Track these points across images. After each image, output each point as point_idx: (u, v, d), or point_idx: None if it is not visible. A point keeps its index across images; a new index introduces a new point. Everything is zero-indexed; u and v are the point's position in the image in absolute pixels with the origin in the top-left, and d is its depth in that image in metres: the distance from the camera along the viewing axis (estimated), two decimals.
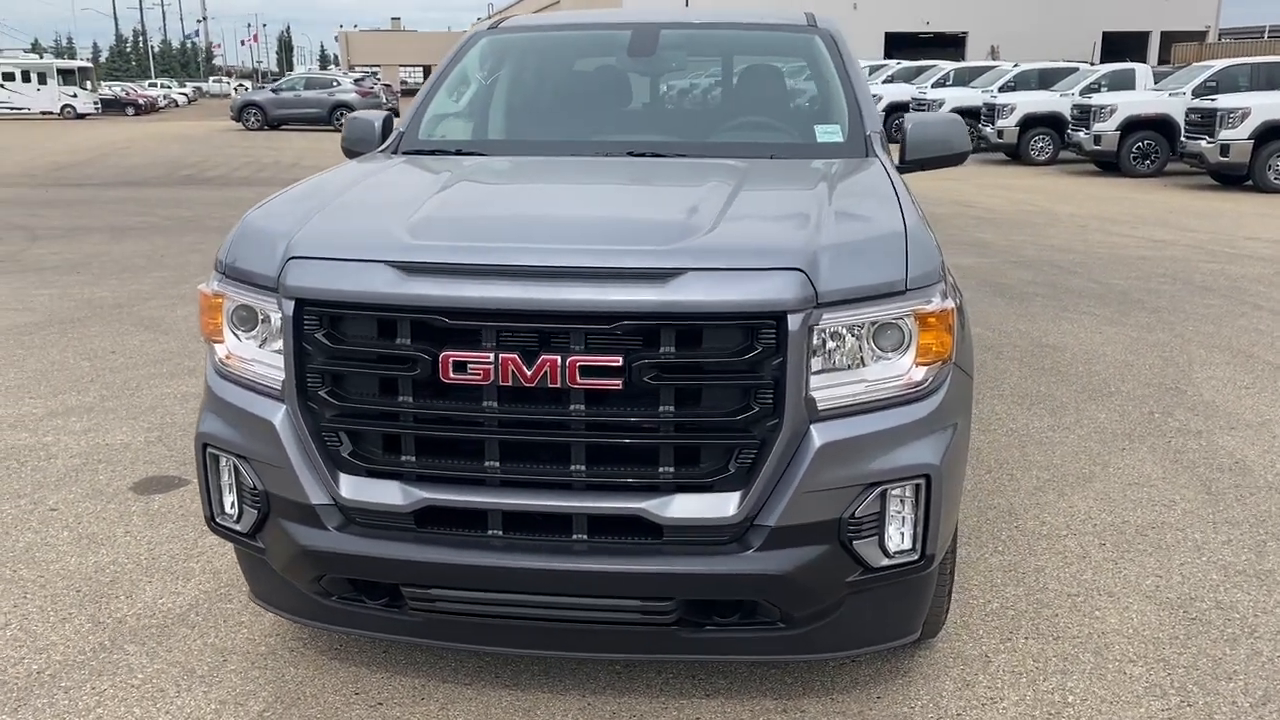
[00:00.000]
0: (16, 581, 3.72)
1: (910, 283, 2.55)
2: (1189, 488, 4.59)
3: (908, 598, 2.81)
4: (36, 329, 7.42)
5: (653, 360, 2.41)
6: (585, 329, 2.42)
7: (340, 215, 2.84)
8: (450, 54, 4.25)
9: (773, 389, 2.44)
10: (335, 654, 3.25)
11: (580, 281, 2.43)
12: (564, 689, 3.06)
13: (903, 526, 2.61)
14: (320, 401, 2.57)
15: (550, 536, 2.56)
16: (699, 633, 2.68)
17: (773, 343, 2.42)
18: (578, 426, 2.47)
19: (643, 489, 2.51)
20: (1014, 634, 3.38)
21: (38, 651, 3.27)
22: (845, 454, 2.52)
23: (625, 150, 3.64)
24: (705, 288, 2.41)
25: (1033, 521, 4.24)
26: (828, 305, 2.47)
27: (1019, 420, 5.51)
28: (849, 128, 3.72)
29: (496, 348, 2.44)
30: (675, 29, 4.27)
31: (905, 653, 3.25)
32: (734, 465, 2.48)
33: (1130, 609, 3.53)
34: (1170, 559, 3.90)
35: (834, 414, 2.53)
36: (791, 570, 2.51)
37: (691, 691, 3.06)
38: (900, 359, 2.59)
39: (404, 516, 2.58)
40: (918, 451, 2.58)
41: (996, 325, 7.67)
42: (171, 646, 3.29)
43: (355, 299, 2.51)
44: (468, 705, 2.99)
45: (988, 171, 20.64)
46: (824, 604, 2.64)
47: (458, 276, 2.47)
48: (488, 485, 2.56)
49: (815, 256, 2.49)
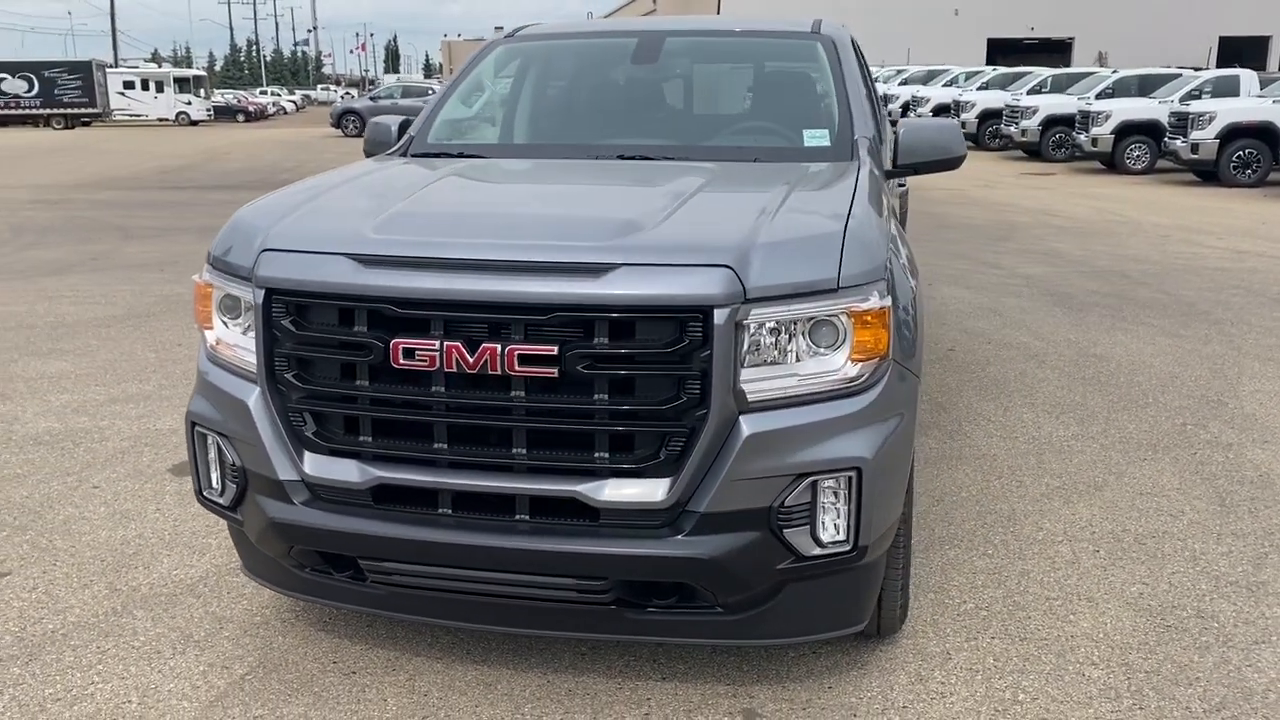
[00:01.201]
0: (50, 550, 4.02)
1: (843, 281, 2.63)
2: (1202, 499, 4.52)
3: (850, 588, 2.88)
4: (114, 322, 7.87)
5: (586, 350, 2.54)
6: (523, 319, 2.56)
7: (318, 211, 3.04)
8: (468, 60, 4.45)
9: (700, 380, 2.55)
10: (322, 626, 3.44)
11: (520, 275, 2.58)
12: (527, 666, 3.21)
13: (836, 518, 2.69)
14: (287, 384, 2.76)
15: (495, 516, 2.71)
16: (642, 614, 2.79)
17: (700, 336, 2.53)
18: (518, 412, 2.62)
19: (579, 473, 2.64)
20: (981, 633, 3.40)
21: (56, 613, 3.54)
22: (774, 445, 2.62)
23: (616, 154, 3.78)
24: (636, 282, 2.54)
25: (1030, 527, 4.23)
26: (756, 301, 2.57)
27: (1044, 429, 5.47)
28: (837, 132, 3.80)
29: (443, 336, 2.60)
30: (680, 37, 4.40)
31: (865, 646, 3.31)
32: (664, 452, 2.59)
33: (1106, 614, 3.53)
34: (1162, 568, 3.87)
35: (764, 406, 2.62)
36: (720, 555, 2.62)
37: (649, 674, 3.17)
38: (834, 355, 2.67)
39: (362, 493, 2.76)
40: (849, 445, 2.66)
41: (1047, 335, 7.57)
42: (176, 614, 3.54)
43: (316, 288, 2.70)
44: (434, 677, 3.16)
45: (1079, 180, 20.18)
46: (756, 590, 2.73)
47: (408, 269, 2.64)
48: (437, 466, 2.72)
49: (746, 254, 2.59)
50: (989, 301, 8.78)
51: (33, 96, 45.81)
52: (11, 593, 3.68)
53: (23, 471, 4.83)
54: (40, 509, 4.41)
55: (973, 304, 8.68)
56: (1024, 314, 8.28)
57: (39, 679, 3.15)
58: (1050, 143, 24.52)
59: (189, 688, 3.11)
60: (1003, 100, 27.28)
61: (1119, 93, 23.66)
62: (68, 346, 7.12)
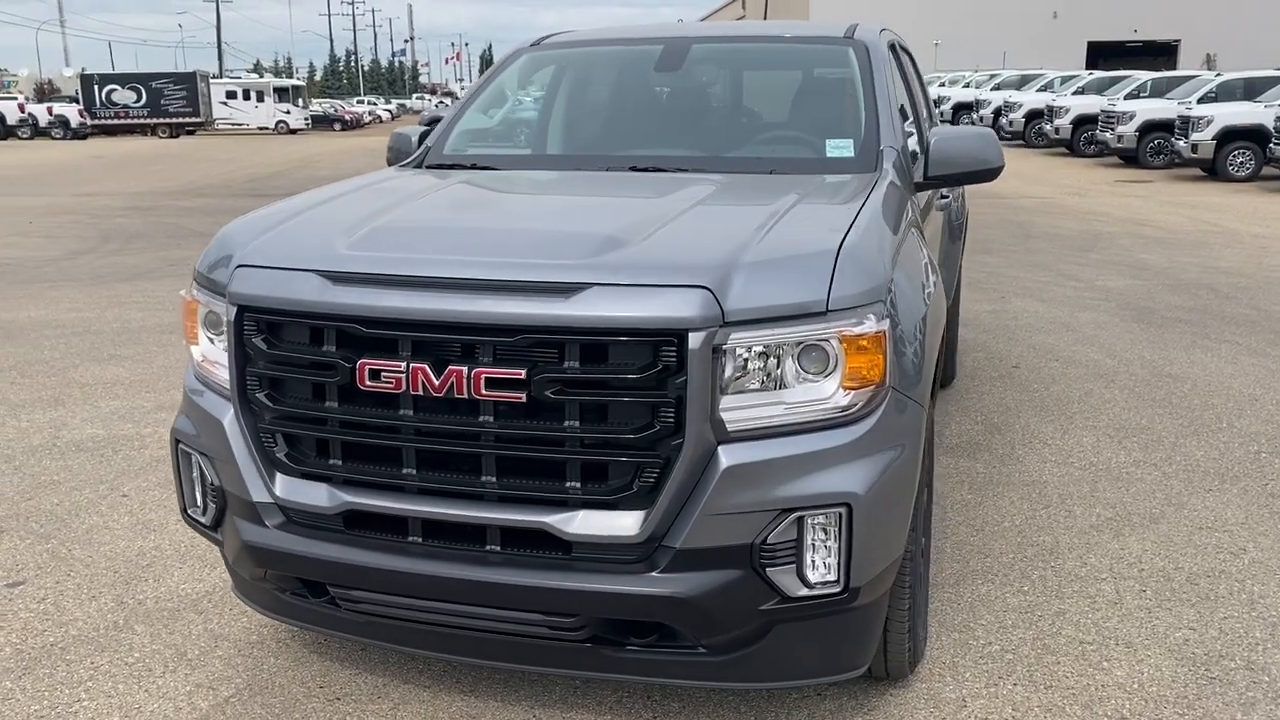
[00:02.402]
0: (68, 560, 4.03)
1: (834, 303, 2.45)
2: (1269, 536, 4.20)
3: (846, 630, 2.69)
4: (176, 329, 7.99)
5: (555, 375, 2.41)
6: (491, 341, 2.44)
7: (300, 227, 2.96)
8: (490, 69, 4.36)
9: (675, 408, 2.40)
10: (315, 649, 3.37)
11: (488, 294, 2.46)
12: (515, 700, 3.08)
13: (826, 556, 2.51)
14: (258, 404, 2.69)
15: (465, 546, 2.59)
16: (621, 652, 2.65)
17: (674, 361, 2.38)
18: (487, 438, 2.50)
19: (550, 503, 2.51)
20: (1003, 679, 3.17)
21: (60, 625, 3.54)
22: (755, 477, 2.45)
23: (629, 165, 3.64)
24: (607, 303, 2.40)
25: (1073, 562, 3.97)
26: (737, 324, 2.40)
27: (1103, 454, 5.16)
28: (862, 142, 3.60)
29: (410, 357, 2.49)
30: (707, 44, 4.24)
31: (875, 690, 3.11)
32: (638, 484, 2.44)
33: (1145, 662, 3.26)
34: (1214, 612, 3.58)
35: (746, 436, 2.46)
36: (697, 594, 2.45)
37: (639, 711, 3.02)
38: (825, 382, 2.49)
39: (332, 518, 2.67)
40: (838, 479, 2.48)
41: (1120, 352, 7.20)
42: (175, 630, 3.50)
43: (285, 305, 2.62)
44: (419, 706, 3.06)
45: (1176, 189, 19.36)
46: (740, 631, 2.56)
47: (376, 286, 2.55)
48: (406, 492, 2.61)
49: (727, 274, 2.43)
50: (1063, 316, 8.40)
51: (140, 106, 47.58)
52: (21, 603, 3.70)
53: (60, 478, 4.89)
54: (67, 517, 4.44)
55: (1046, 318, 8.32)
56: (1098, 329, 7.90)
57: (28, 694, 3.13)
58: (1148, 149, 23.61)
59: (172, 709, 3.05)
60: (1098, 105, 26.37)
61: (1222, 97, 22.64)
62: (127, 353, 7.25)
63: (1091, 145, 26.52)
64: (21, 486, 4.80)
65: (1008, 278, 10.17)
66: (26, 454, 5.22)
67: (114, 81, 48.08)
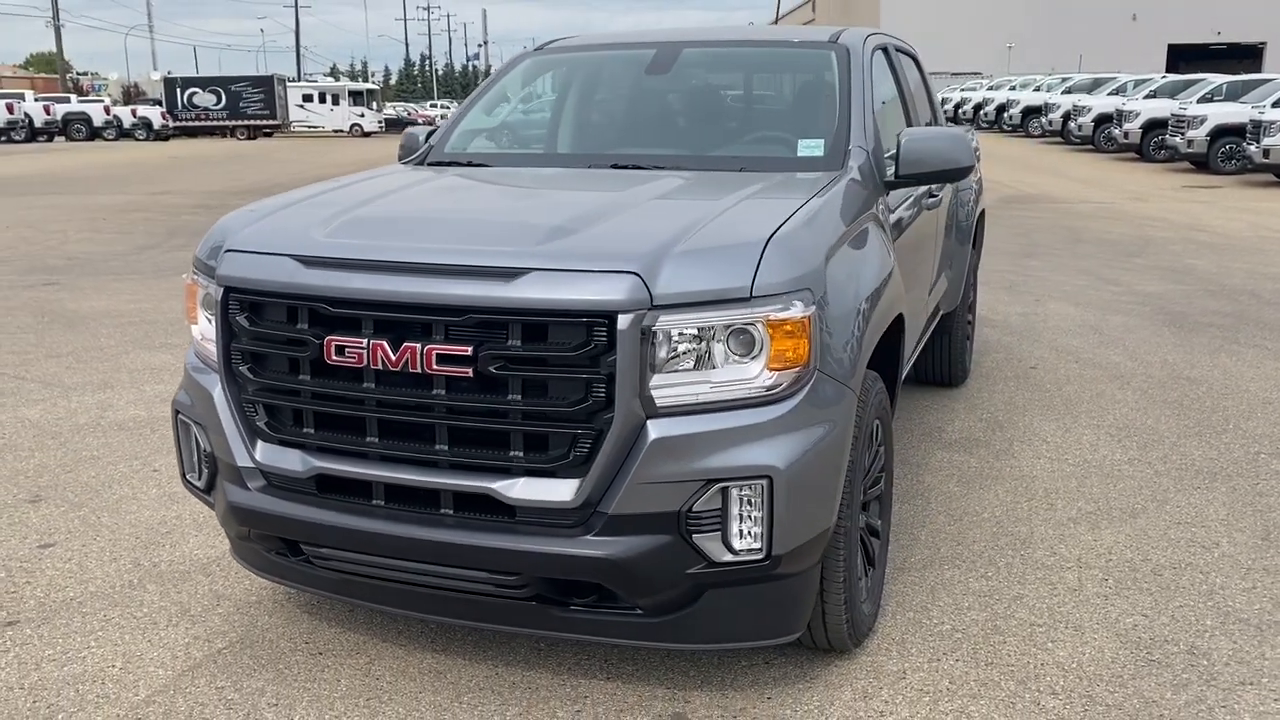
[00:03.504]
0: (97, 526, 4.36)
1: (758, 290, 2.64)
2: (1245, 533, 4.26)
3: (778, 597, 2.87)
4: None
5: (498, 352, 2.63)
6: (442, 320, 2.67)
7: (287, 216, 3.22)
8: (496, 72, 4.60)
9: (606, 384, 2.60)
10: (307, 609, 3.64)
11: (440, 277, 2.69)
12: (482, 659, 3.31)
13: (752, 525, 2.69)
14: (241, 376, 2.96)
15: (422, 509, 2.82)
16: (567, 612, 2.86)
17: (605, 341, 2.58)
18: (439, 410, 2.72)
19: (495, 470, 2.73)
20: (946, 655, 3.31)
21: (81, 583, 3.86)
22: (682, 449, 2.64)
23: (611, 163, 3.85)
24: (545, 287, 2.61)
25: (1043, 551, 4.08)
26: (665, 308, 2.60)
27: (1100, 451, 5.24)
28: (832, 142, 3.76)
29: (372, 334, 2.73)
30: (698, 48, 4.43)
31: (820, 660, 3.27)
32: (573, 453, 2.65)
33: (1089, 644, 3.37)
34: (1170, 601, 3.67)
35: (674, 411, 2.65)
36: (627, 556, 2.65)
37: (595, 673, 3.23)
38: (752, 364, 2.67)
39: (305, 482, 2.92)
40: (760, 453, 2.66)
41: (1142, 355, 7.21)
42: (182, 589, 3.79)
43: (263, 287, 2.88)
44: (392, 662, 3.30)
45: (1244, 195, 18.98)
46: (670, 593, 2.75)
47: (343, 269, 2.79)
48: (370, 459, 2.85)
49: (658, 261, 2.63)
50: (1094, 319, 8.41)
51: (220, 109, 49.04)
52: (49, 562, 4.02)
53: (99, 454, 5.24)
54: (101, 488, 4.78)
55: (1075, 321, 8.33)
56: (1126, 332, 7.90)
57: (44, 640, 3.44)
58: (1219, 155, 23.10)
59: (169, 657, 3.34)
60: (1169, 110, 25.86)
61: None
62: (176, 341, 7.65)
63: (1161, 150, 26.03)
64: (64, 460, 5.16)
65: (1047, 281, 10.17)
66: (72, 431, 5.60)
67: (195, 85, 49.63)
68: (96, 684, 3.19)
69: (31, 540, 4.23)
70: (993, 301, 9.08)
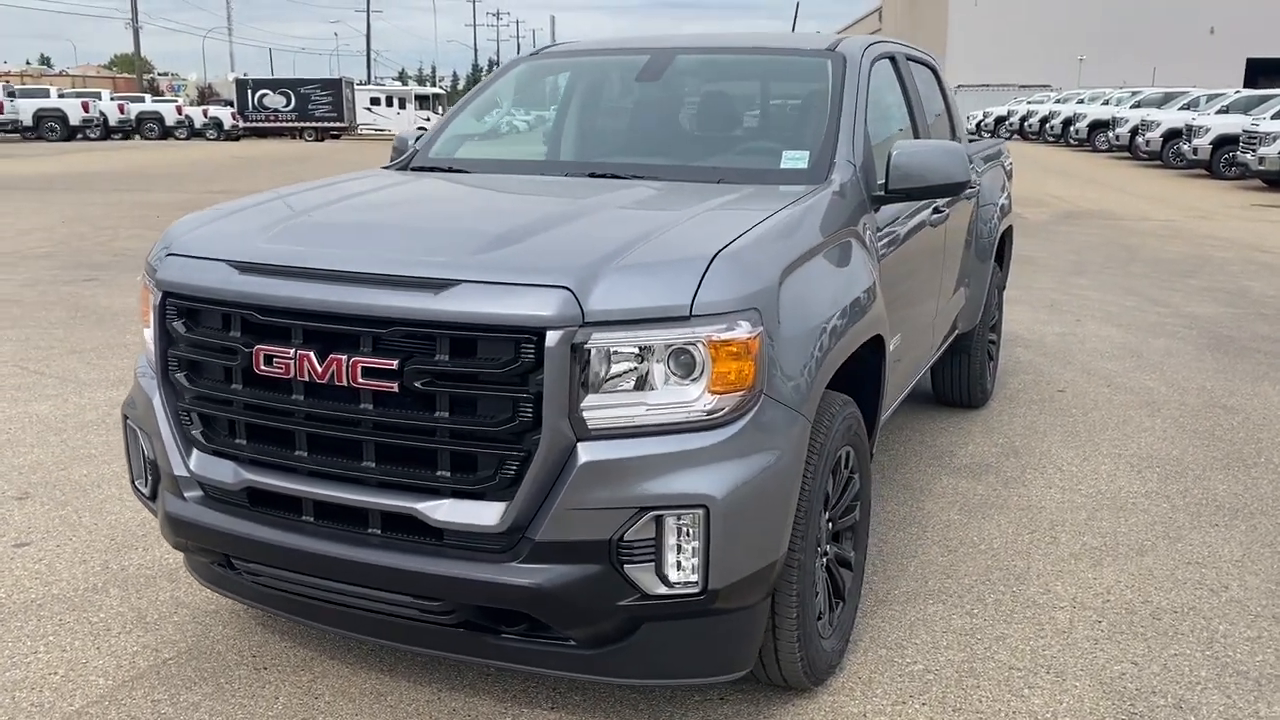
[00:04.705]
0: (78, 526, 4.34)
1: (699, 308, 2.49)
2: (1259, 575, 4.00)
3: (721, 633, 2.71)
4: None
5: (424, 366, 2.52)
6: (369, 332, 2.57)
7: (233, 221, 3.13)
8: (489, 76, 4.50)
9: (534, 403, 2.47)
10: (262, 623, 3.56)
11: (367, 287, 2.59)
12: (426, 682, 3.20)
13: (689, 557, 2.54)
14: (177, 383, 2.88)
15: (350, 527, 2.72)
16: (499, 640, 2.73)
17: (532, 358, 2.46)
18: (366, 425, 2.62)
19: (423, 490, 2.61)
20: (913, 699, 3.13)
21: (46, 584, 3.82)
22: (613, 475, 2.50)
23: (588, 171, 3.72)
24: (473, 300, 2.49)
25: (1036, 588, 3.86)
26: (598, 325, 2.47)
27: (1117, 482, 4.99)
28: (817, 155, 3.60)
29: (302, 344, 2.64)
30: (691, 54, 4.29)
31: (779, 699, 3.11)
32: (500, 475, 2.53)
33: (1069, 693, 3.17)
34: (1165, 648, 3.44)
35: (606, 434, 2.52)
36: (554, 585, 2.52)
37: (539, 702, 3.10)
38: (692, 386, 2.53)
39: (237, 494, 2.84)
40: (697, 481, 2.51)
41: (1179, 381, 6.90)
42: (144, 595, 3.74)
43: (197, 292, 2.80)
44: (335, 681, 3.20)
45: None
46: (601, 626, 2.62)
47: (273, 276, 2.70)
48: (299, 473, 2.76)
49: (593, 276, 2.50)
50: (1135, 342, 8.09)
51: (289, 110, 49.82)
52: (20, 562, 4.00)
53: (96, 452, 5.24)
54: (89, 487, 4.77)
55: (1115, 344, 8.02)
56: (1166, 357, 7.58)
57: None
58: None
59: (114, 666, 3.28)
60: (1240, 125, 25.06)
61: None
62: None
63: (1232, 167, 25.23)
64: (60, 457, 5.17)
65: (1091, 300, 9.83)
66: (76, 428, 5.61)
67: (265, 86, 50.49)
68: (35, 691, 3.14)
69: (8, 539, 4.21)
70: (1030, 320, 8.79)
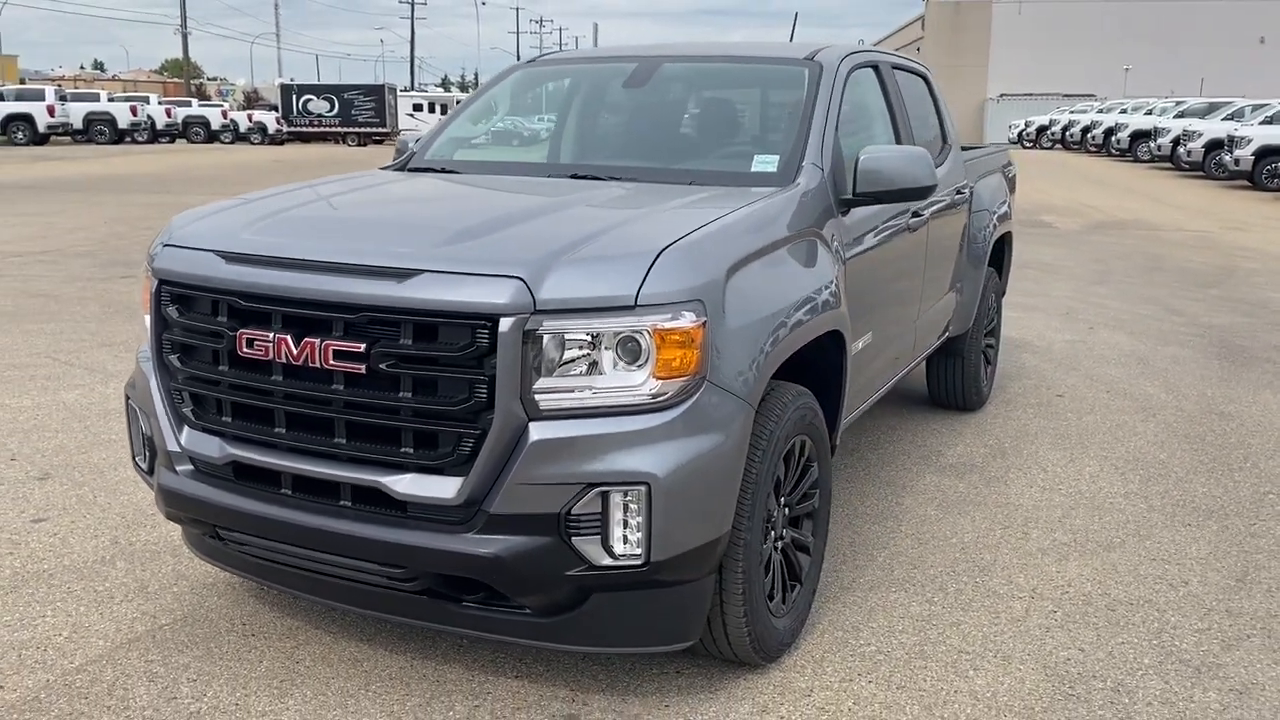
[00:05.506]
0: (92, 504, 4.60)
1: (644, 299, 2.68)
2: (1220, 573, 4.10)
3: (665, 605, 2.89)
4: None
5: (390, 350, 2.72)
6: (340, 317, 2.78)
7: (227, 215, 3.36)
8: (487, 82, 4.72)
9: (488, 385, 2.67)
10: (255, 594, 3.78)
11: (339, 275, 2.80)
12: (401, 650, 3.40)
13: (633, 530, 2.72)
14: (171, 365, 3.11)
15: (324, 499, 2.92)
16: (460, 607, 2.93)
17: (487, 343, 2.65)
18: (337, 404, 2.83)
19: (388, 465, 2.82)
20: (860, 677, 3.28)
21: (58, 556, 4.07)
22: (562, 453, 2.69)
23: (570, 173, 3.92)
24: (434, 288, 2.70)
25: (999, 580, 3.99)
26: (548, 313, 2.66)
27: (1098, 484, 5.09)
28: (786, 159, 3.77)
29: (280, 328, 2.85)
30: (676, 63, 4.47)
31: (731, 674, 3.27)
32: (458, 451, 2.73)
33: (1012, 675, 3.30)
34: (1114, 637, 3.56)
35: (557, 415, 2.70)
36: (506, 554, 2.71)
37: (504, 671, 3.29)
38: (638, 371, 2.71)
39: (223, 468, 3.06)
40: (640, 460, 2.69)
41: (1181, 389, 6.96)
42: (148, 568, 3.98)
43: (189, 280, 3.03)
44: (316, 648, 3.41)
45: None
46: (551, 595, 2.80)
47: (255, 265, 2.92)
48: (279, 449, 2.97)
49: (546, 267, 2.69)
50: (1144, 349, 8.14)
51: (333, 116, 50.64)
52: (36, 536, 4.26)
53: (116, 438, 5.51)
54: (106, 469, 5.04)
55: (1122, 350, 8.08)
56: (1172, 364, 7.64)
57: (5, 607, 3.65)
58: None
59: (113, 630, 3.51)
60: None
61: None
62: None
63: (1275, 179, 24.98)
64: (82, 442, 5.44)
65: (1107, 309, 9.88)
66: (99, 415, 5.89)
67: (310, 92, 51.35)
68: (39, 650, 3.38)
69: (28, 514, 4.48)
70: (1042, 328, 8.87)
